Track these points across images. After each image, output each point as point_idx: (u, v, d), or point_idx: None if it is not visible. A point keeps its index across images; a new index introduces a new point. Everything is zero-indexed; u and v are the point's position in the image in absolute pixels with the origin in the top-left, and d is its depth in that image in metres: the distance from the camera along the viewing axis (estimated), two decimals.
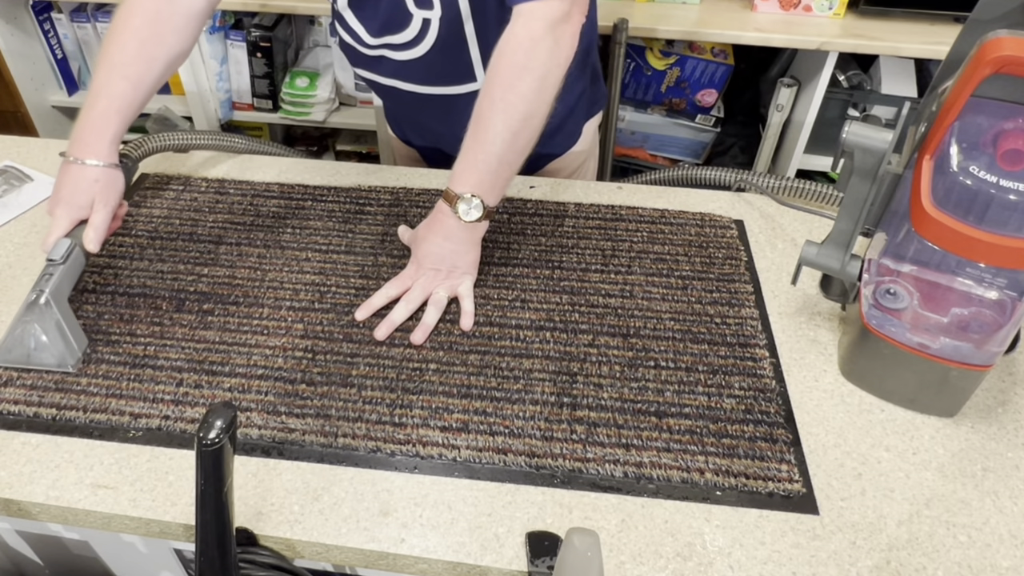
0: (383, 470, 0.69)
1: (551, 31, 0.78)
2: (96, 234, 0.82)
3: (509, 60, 0.79)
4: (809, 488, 0.67)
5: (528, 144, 0.82)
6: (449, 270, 0.84)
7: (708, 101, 2.02)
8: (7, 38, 2.04)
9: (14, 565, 0.89)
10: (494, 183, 0.82)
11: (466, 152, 0.82)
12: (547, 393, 0.75)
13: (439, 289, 0.84)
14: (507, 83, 0.79)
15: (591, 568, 0.54)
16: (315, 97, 2.03)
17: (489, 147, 0.80)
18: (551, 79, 0.80)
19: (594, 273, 0.90)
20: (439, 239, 0.84)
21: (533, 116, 0.80)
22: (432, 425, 0.73)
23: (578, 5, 0.81)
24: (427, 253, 0.84)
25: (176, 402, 0.75)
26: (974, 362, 0.69)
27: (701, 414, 0.74)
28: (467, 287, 0.85)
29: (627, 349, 0.80)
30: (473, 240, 0.85)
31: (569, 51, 0.81)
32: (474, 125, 0.81)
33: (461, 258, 0.85)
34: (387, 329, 0.82)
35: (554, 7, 0.78)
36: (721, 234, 0.96)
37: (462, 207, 0.81)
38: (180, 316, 0.84)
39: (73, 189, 0.83)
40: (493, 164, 0.81)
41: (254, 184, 1.05)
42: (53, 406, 0.74)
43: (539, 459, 0.70)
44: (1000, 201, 0.61)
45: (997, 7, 0.62)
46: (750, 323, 0.83)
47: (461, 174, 0.82)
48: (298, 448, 0.71)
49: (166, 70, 0.88)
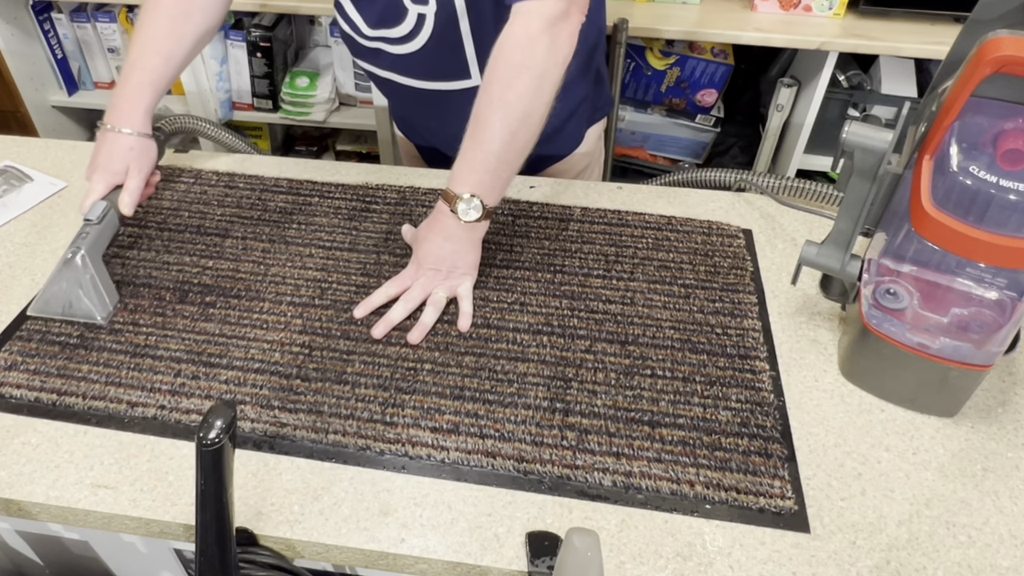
0: (372, 468, 0.69)
1: (549, 30, 0.78)
2: (131, 198, 0.89)
3: (506, 59, 0.79)
4: (801, 505, 0.66)
5: (527, 144, 0.82)
6: (449, 270, 0.84)
7: (708, 101, 2.02)
8: (7, 38, 2.04)
9: (14, 565, 0.89)
10: (494, 183, 0.82)
11: (465, 152, 0.82)
12: (540, 398, 0.75)
13: (438, 289, 0.84)
14: (505, 82, 0.79)
15: (591, 568, 0.54)
16: (315, 97, 2.03)
17: (488, 147, 0.80)
18: (549, 78, 0.80)
19: (596, 278, 0.89)
20: (439, 239, 0.84)
21: (531, 115, 0.80)
22: (423, 425, 0.72)
23: (577, 4, 0.80)
24: (427, 253, 0.84)
25: (173, 392, 0.75)
26: (974, 362, 0.69)
27: (695, 425, 0.73)
28: (467, 288, 0.85)
29: (624, 356, 0.80)
30: (473, 240, 0.84)
31: (568, 50, 0.80)
32: (472, 125, 0.81)
33: (461, 258, 0.84)
34: (384, 328, 0.82)
35: (552, 6, 0.78)
36: (728, 243, 0.95)
37: (461, 207, 0.81)
38: (183, 307, 0.85)
39: (109, 156, 0.89)
40: (492, 163, 0.80)
41: (263, 179, 1.06)
42: (54, 391, 0.75)
43: (527, 464, 0.69)
44: (1000, 201, 0.61)
45: (997, 7, 0.62)
46: (752, 335, 0.82)
47: (460, 174, 0.82)
48: (288, 443, 0.71)
49: (195, 46, 0.95)
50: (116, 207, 0.87)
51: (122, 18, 2.10)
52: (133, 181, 0.89)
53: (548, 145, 1.03)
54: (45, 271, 0.90)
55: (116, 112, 0.90)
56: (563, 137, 1.10)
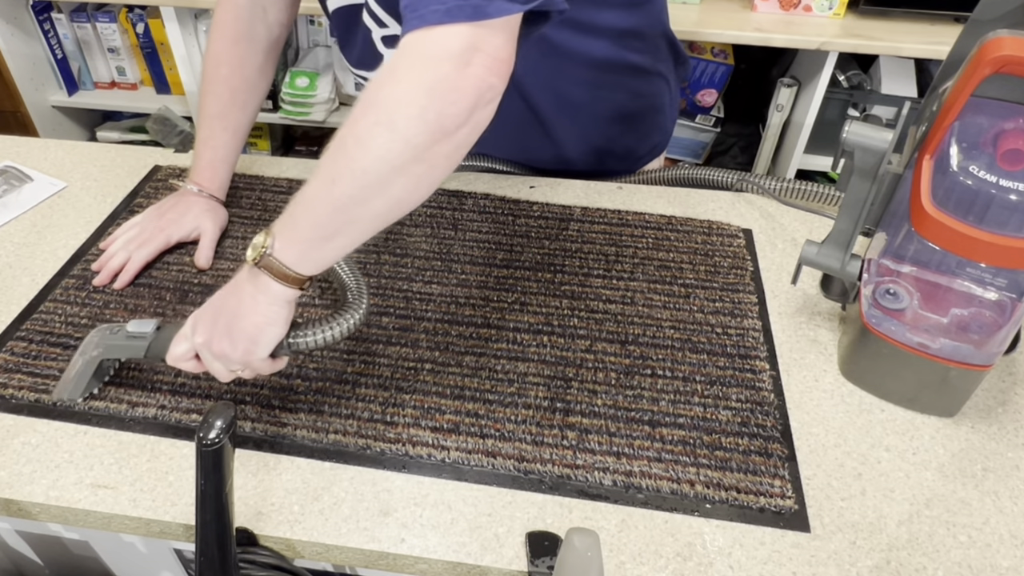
0: (372, 468, 0.69)
1: (433, 71, 0.55)
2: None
3: (364, 92, 0.59)
4: (802, 504, 0.66)
5: (353, 207, 0.58)
6: (223, 328, 0.65)
7: (708, 101, 2.02)
8: (7, 38, 2.04)
9: (14, 565, 0.89)
10: (293, 236, 0.61)
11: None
12: (540, 397, 0.75)
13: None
14: (352, 120, 0.58)
15: (591, 568, 0.54)
16: (315, 97, 2.03)
17: (306, 188, 0.61)
18: (407, 136, 0.55)
19: (596, 278, 0.89)
20: (225, 287, 0.67)
21: (367, 173, 0.57)
22: (423, 425, 0.72)
23: (488, 48, 0.55)
24: (207, 303, 0.67)
25: (173, 392, 0.75)
26: (974, 362, 0.69)
27: (695, 425, 0.72)
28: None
29: (624, 356, 0.79)
30: (251, 295, 0.63)
31: (455, 113, 0.55)
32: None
33: (230, 314, 0.65)
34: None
35: (443, 40, 0.55)
36: (728, 243, 0.95)
37: (254, 241, 0.63)
38: (183, 308, 0.85)
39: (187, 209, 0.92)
40: (299, 209, 0.61)
41: (263, 179, 1.06)
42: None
43: (528, 463, 0.69)
44: (1000, 201, 0.61)
45: (997, 7, 0.62)
46: (752, 334, 0.82)
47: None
48: (289, 443, 0.71)
49: (257, 108, 0.98)
50: (160, 337, 0.72)
51: (122, 18, 2.10)
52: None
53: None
54: (45, 271, 0.90)
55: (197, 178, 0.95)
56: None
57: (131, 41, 2.15)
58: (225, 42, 0.93)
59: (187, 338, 0.67)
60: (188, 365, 0.68)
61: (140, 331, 0.71)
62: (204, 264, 0.91)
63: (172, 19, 1.93)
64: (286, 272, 0.61)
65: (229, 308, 0.65)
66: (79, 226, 0.98)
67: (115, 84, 2.25)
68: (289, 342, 0.66)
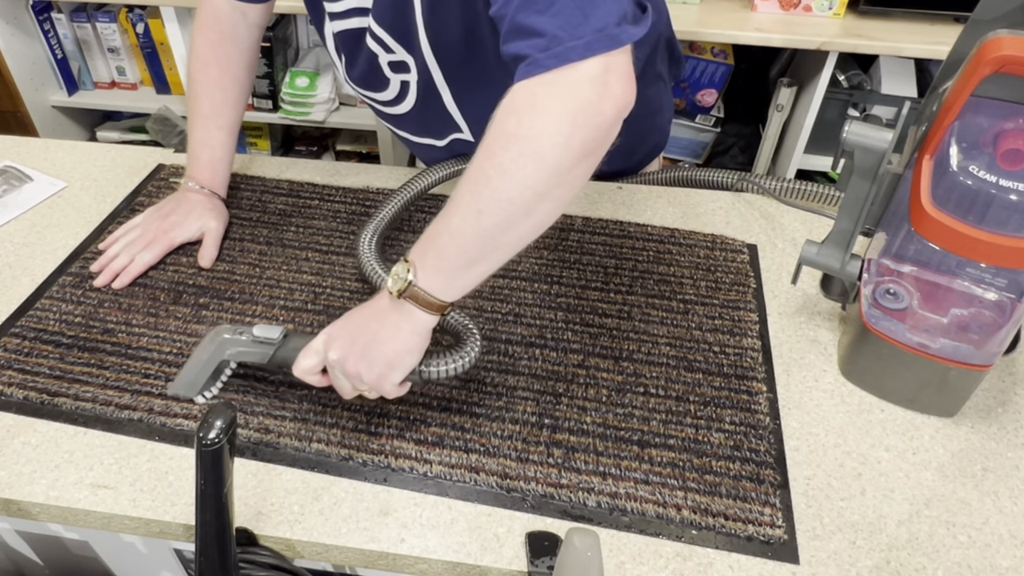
0: (353, 479, 0.68)
1: (572, 98, 0.58)
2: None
3: (497, 124, 0.60)
4: (792, 535, 0.63)
5: (501, 236, 0.61)
6: (362, 351, 0.66)
7: (708, 101, 2.02)
8: (7, 38, 2.04)
9: (14, 565, 0.89)
10: (438, 265, 0.63)
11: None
12: (528, 412, 0.73)
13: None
14: (489, 151, 0.59)
15: (591, 568, 0.54)
16: (315, 97, 2.03)
17: (445, 220, 0.62)
18: (550, 161, 0.58)
19: (593, 291, 0.87)
20: (366, 310, 0.68)
21: (514, 202, 0.59)
22: (407, 437, 0.71)
23: (619, 70, 0.58)
24: (347, 319, 0.69)
25: (163, 395, 0.75)
26: (974, 362, 0.69)
27: (686, 447, 0.70)
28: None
29: (617, 373, 0.77)
30: (396, 324, 0.65)
31: (595, 139, 0.58)
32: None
33: (375, 338, 0.66)
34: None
35: (583, 67, 0.57)
36: (731, 258, 0.92)
37: (393, 272, 0.65)
38: (176, 308, 0.85)
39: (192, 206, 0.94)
40: (443, 240, 0.62)
41: (264, 180, 1.06)
42: (44, 391, 0.75)
43: (511, 480, 0.67)
44: (1000, 201, 0.61)
45: (997, 7, 0.62)
46: (750, 354, 0.80)
47: (418, 242, 0.65)
48: (271, 451, 0.70)
49: (245, 106, 1.01)
50: (290, 340, 0.73)
51: (122, 18, 2.10)
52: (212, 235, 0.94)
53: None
54: (45, 271, 0.90)
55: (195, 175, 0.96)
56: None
57: (131, 41, 2.15)
58: (210, 44, 0.95)
59: (318, 353, 0.68)
60: (313, 379, 0.69)
61: (267, 336, 0.72)
62: (207, 263, 0.91)
63: (172, 19, 1.93)
64: (431, 300, 0.63)
65: (370, 331, 0.66)
66: (79, 226, 0.98)
67: (115, 84, 2.25)
68: (420, 370, 0.67)
